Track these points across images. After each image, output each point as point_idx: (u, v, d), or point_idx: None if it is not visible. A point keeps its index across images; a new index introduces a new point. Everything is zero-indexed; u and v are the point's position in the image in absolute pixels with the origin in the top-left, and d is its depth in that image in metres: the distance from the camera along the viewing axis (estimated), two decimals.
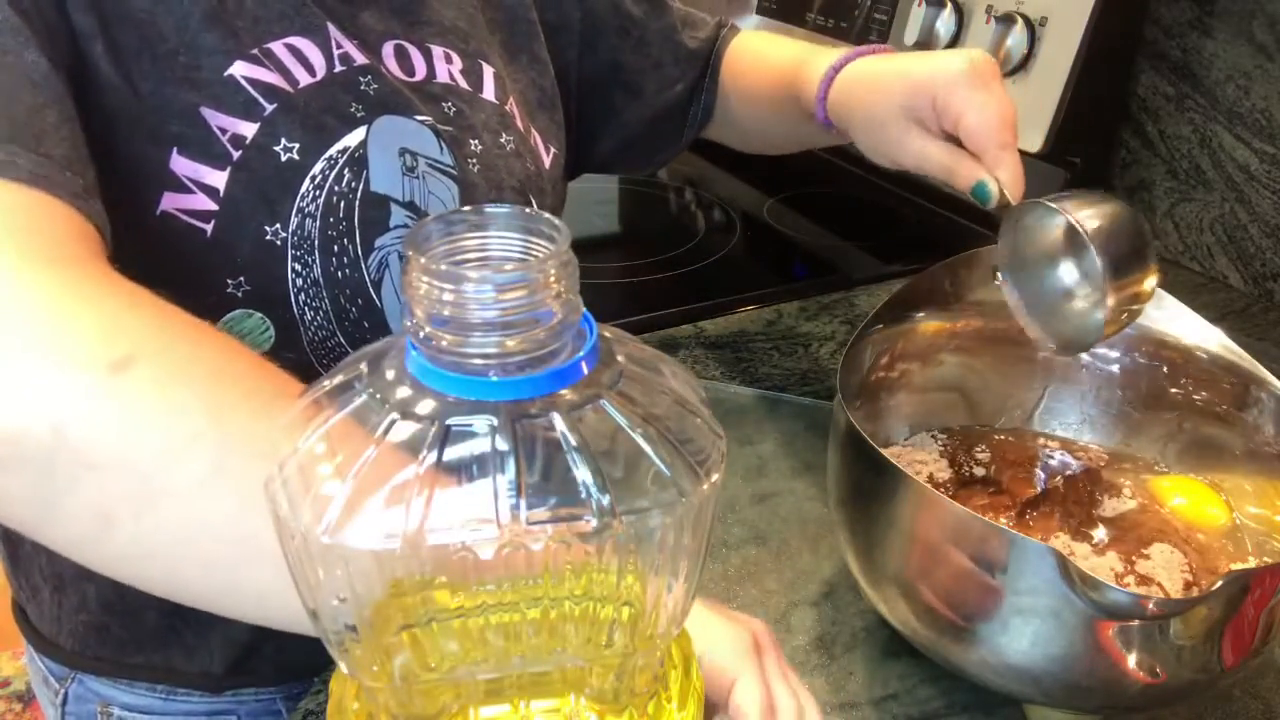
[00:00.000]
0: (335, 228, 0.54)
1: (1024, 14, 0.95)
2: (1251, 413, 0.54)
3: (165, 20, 0.49)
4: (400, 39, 0.60)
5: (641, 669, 0.29)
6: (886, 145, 0.60)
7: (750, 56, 0.79)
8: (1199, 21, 0.95)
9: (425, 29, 0.62)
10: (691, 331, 0.88)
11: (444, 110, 0.61)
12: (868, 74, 0.62)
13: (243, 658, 0.62)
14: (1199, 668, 0.43)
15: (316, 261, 0.54)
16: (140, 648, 0.63)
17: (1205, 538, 0.54)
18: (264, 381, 0.36)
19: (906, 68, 0.59)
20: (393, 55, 0.60)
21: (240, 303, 0.53)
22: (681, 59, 0.78)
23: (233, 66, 0.51)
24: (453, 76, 0.62)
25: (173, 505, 0.33)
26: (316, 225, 0.54)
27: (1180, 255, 1.02)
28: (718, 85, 0.79)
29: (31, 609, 0.67)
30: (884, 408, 0.61)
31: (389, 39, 0.60)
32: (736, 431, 0.74)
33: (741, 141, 0.84)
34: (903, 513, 0.47)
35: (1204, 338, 0.56)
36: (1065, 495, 0.56)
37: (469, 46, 0.64)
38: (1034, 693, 0.47)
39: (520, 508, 0.24)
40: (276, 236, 0.53)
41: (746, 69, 0.78)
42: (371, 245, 0.55)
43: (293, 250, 0.53)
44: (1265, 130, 0.92)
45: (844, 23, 1.20)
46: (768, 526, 0.64)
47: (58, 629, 0.65)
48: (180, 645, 0.62)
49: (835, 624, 0.57)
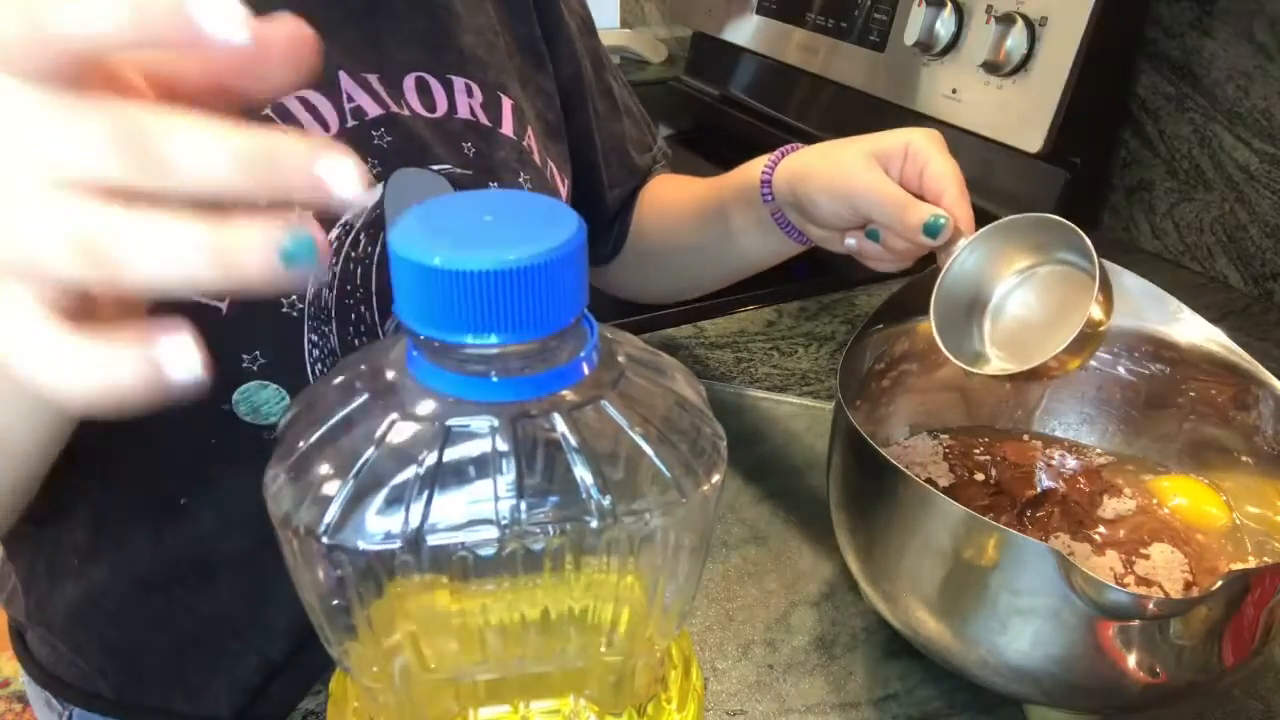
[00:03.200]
0: (352, 295, 0.54)
1: (1024, 14, 0.95)
2: (1251, 413, 0.54)
3: None
4: (422, 71, 0.59)
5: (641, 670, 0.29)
6: (842, 176, 0.58)
7: (674, 180, 0.80)
8: (1199, 21, 0.95)
9: (447, 56, 0.61)
10: (691, 331, 0.88)
11: (463, 152, 0.60)
12: (828, 143, 0.62)
13: (249, 703, 0.61)
14: (1199, 668, 0.43)
15: (333, 331, 0.53)
16: (140, 690, 0.62)
17: (1205, 538, 0.54)
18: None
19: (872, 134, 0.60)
20: (414, 89, 0.59)
21: (255, 375, 0.52)
22: (626, 167, 0.79)
23: None
24: (473, 111, 0.62)
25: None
26: (333, 294, 0.53)
27: (1180, 255, 1.02)
28: (634, 208, 0.80)
29: (30, 637, 0.66)
30: (884, 408, 0.61)
31: (411, 71, 0.59)
32: (736, 431, 0.74)
33: (645, 278, 0.84)
34: (903, 513, 0.47)
35: (1204, 338, 0.56)
36: (1065, 495, 0.56)
37: (488, 77, 0.63)
38: (1034, 693, 0.47)
39: (520, 508, 0.24)
40: (293, 308, 0.52)
41: (667, 189, 0.79)
42: (388, 311, 0.55)
43: (310, 321, 0.52)
44: (1265, 130, 0.92)
45: (844, 23, 1.20)
46: (768, 526, 0.64)
47: (55, 662, 0.64)
48: (182, 688, 0.61)
49: (835, 624, 0.57)
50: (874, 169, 0.57)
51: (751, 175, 0.65)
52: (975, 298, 0.58)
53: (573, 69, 0.73)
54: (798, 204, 0.61)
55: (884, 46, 1.13)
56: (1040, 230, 0.55)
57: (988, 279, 0.57)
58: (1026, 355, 0.54)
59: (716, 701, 0.51)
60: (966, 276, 0.56)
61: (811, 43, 1.25)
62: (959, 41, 1.03)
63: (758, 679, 0.53)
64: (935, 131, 0.58)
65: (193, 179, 0.21)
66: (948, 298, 0.56)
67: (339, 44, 0.55)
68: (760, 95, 1.39)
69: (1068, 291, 0.54)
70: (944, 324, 0.55)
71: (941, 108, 1.06)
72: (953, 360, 0.54)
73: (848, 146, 0.59)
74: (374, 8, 0.57)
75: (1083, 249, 0.53)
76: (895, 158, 0.57)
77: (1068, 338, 0.51)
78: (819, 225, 0.61)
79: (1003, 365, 0.55)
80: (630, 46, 1.71)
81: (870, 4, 1.15)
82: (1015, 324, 0.57)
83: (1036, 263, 0.57)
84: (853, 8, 1.18)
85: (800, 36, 1.27)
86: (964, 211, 0.55)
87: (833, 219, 0.59)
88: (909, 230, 0.54)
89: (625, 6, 1.98)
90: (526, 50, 0.69)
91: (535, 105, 0.69)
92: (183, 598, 0.59)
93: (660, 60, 1.71)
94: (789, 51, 1.30)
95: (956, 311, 0.57)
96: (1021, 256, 0.57)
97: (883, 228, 0.58)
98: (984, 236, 0.55)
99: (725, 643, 0.55)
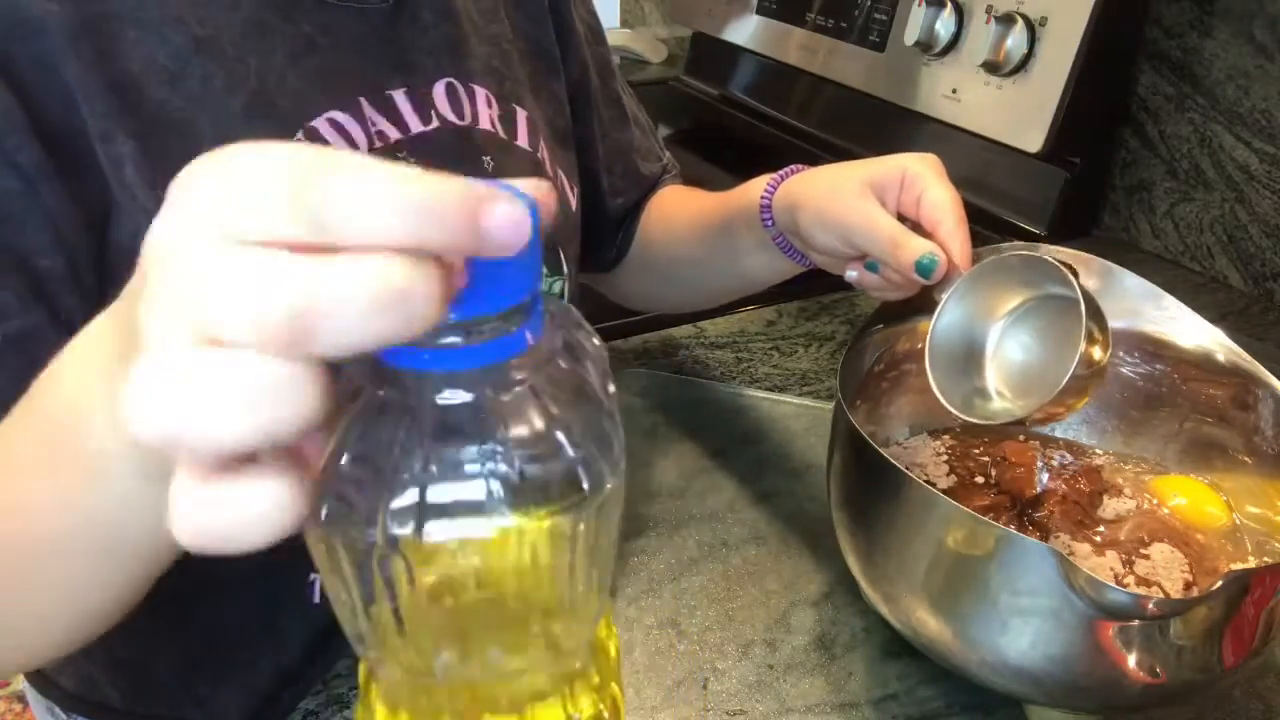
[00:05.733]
0: None
1: (1024, 14, 0.95)
2: (1251, 413, 0.54)
3: (203, 118, 0.48)
4: (451, 77, 0.59)
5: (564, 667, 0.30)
6: (836, 208, 0.56)
7: (682, 192, 0.79)
8: (1199, 21, 0.95)
9: (470, 64, 0.61)
10: (692, 332, 0.88)
11: (483, 167, 0.60)
12: (827, 167, 0.61)
13: (260, 709, 0.60)
14: (1199, 668, 0.43)
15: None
16: (149, 700, 0.62)
17: (1205, 538, 0.54)
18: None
19: (869, 159, 0.58)
20: (444, 95, 0.59)
21: None
22: (630, 175, 0.79)
23: None
24: (492, 122, 0.61)
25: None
26: None
27: (1180, 255, 1.02)
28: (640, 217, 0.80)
29: None
30: (884, 408, 0.61)
31: (441, 77, 0.59)
32: (737, 431, 0.74)
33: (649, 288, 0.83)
34: (903, 513, 0.47)
35: (1204, 338, 0.56)
36: (1065, 495, 0.56)
37: (503, 88, 0.63)
38: (1034, 693, 0.47)
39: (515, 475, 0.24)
40: None
41: (675, 200, 0.78)
42: None
43: None
44: (1265, 130, 0.92)
45: (844, 23, 1.20)
46: (768, 526, 0.64)
47: (60, 670, 0.63)
48: (191, 698, 0.61)
49: (835, 624, 0.57)
50: (868, 200, 0.56)
51: (753, 196, 0.64)
52: (971, 340, 0.56)
53: (579, 75, 0.73)
54: (796, 231, 0.60)
55: (884, 46, 1.13)
56: (1028, 265, 0.54)
57: (983, 318, 0.56)
58: (1032, 394, 0.52)
59: (716, 701, 0.51)
60: (960, 320, 0.55)
61: (811, 43, 1.25)
62: (959, 41, 1.03)
63: (758, 679, 0.53)
64: (933, 156, 0.57)
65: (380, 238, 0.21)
66: (941, 343, 0.54)
67: (366, 59, 0.55)
68: (760, 95, 1.39)
69: (1068, 325, 0.51)
70: (941, 368, 0.54)
71: (941, 108, 1.06)
72: (951, 410, 0.52)
73: (843, 173, 0.58)
74: (398, 18, 0.57)
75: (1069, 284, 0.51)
76: (891, 186, 0.56)
77: (1060, 381, 0.49)
78: (818, 253, 0.60)
79: (1006, 408, 0.54)
80: (630, 46, 1.71)
81: (870, 4, 1.15)
82: (1018, 364, 0.55)
83: (1031, 298, 0.55)
84: (853, 8, 1.18)
85: (800, 36, 1.27)
86: (961, 244, 0.53)
87: (829, 249, 0.58)
88: (902, 267, 0.53)
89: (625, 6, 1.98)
90: (540, 56, 0.69)
91: (546, 112, 0.69)
92: (195, 608, 0.58)
93: (660, 60, 1.71)
94: (789, 51, 1.30)
95: (953, 355, 0.55)
96: (1014, 293, 0.55)
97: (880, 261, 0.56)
98: (973, 278, 0.54)
99: (725, 643, 0.55)
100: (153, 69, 0.46)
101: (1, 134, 0.43)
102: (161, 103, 0.47)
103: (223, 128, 0.48)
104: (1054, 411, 0.51)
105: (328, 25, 0.53)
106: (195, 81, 0.48)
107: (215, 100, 0.48)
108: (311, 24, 0.52)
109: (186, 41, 0.47)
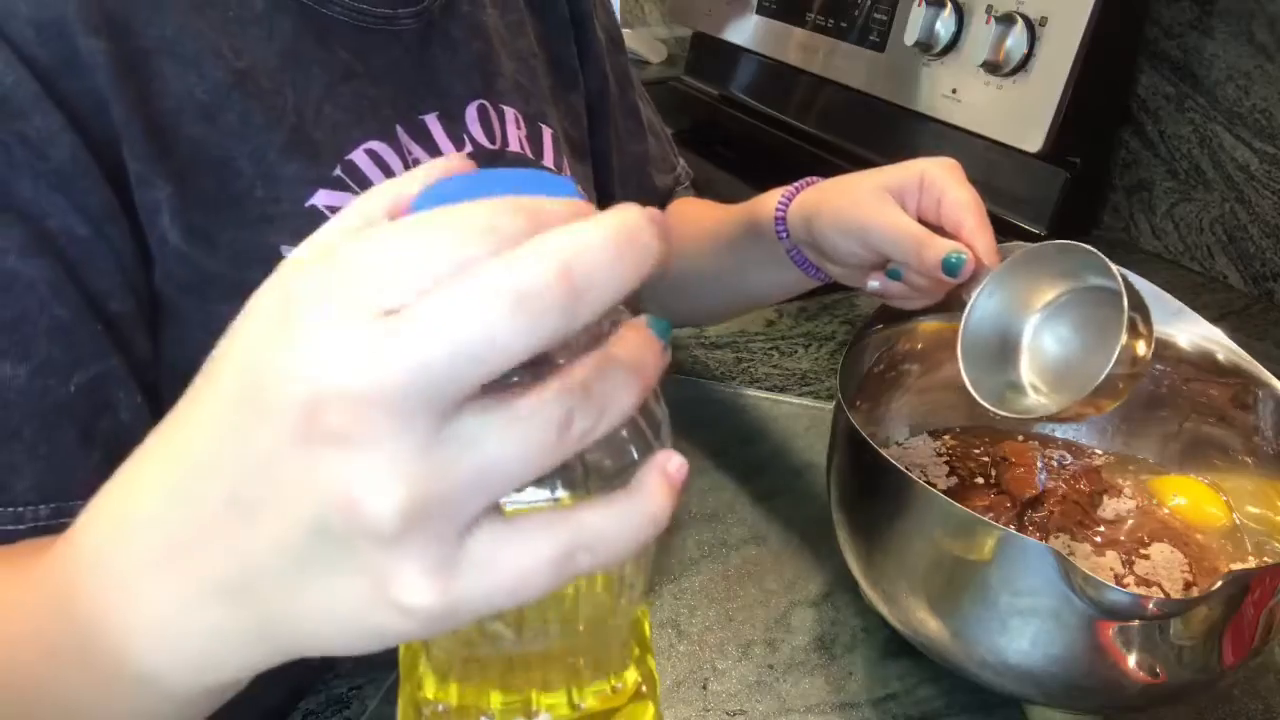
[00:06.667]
0: None
1: (1024, 14, 0.95)
2: (1251, 413, 0.54)
3: (241, 154, 0.47)
4: (482, 98, 0.59)
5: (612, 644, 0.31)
6: (856, 212, 0.56)
7: (694, 204, 0.78)
8: (1199, 21, 0.95)
9: (500, 83, 0.60)
10: (691, 331, 0.88)
11: None
12: (842, 177, 0.60)
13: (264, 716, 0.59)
14: (1199, 668, 0.43)
15: None
16: None
17: (1205, 538, 0.54)
18: None
19: (885, 167, 0.58)
20: (477, 119, 0.58)
21: None
22: (645, 188, 0.78)
23: (314, 196, 0.49)
24: (521, 144, 0.61)
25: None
26: None
27: (1180, 255, 1.02)
28: None
29: None
30: (884, 408, 0.62)
31: (473, 100, 0.58)
32: (736, 431, 0.74)
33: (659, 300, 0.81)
34: (902, 513, 0.47)
35: (1204, 338, 0.56)
36: (1065, 495, 0.56)
37: (529, 107, 0.63)
38: (1034, 693, 0.47)
39: None
40: None
41: (685, 215, 0.77)
42: None
43: None
44: (1265, 130, 0.92)
45: (844, 23, 1.20)
46: (768, 526, 0.64)
47: None
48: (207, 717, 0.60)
49: (835, 624, 0.57)
50: (888, 204, 0.55)
51: (766, 210, 0.63)
52: (1006, 333, 0.54)
53: (598, 86, 0.72)
54: (813, 242, 0.59)
55: (884, 46, 1.13)
56: (1065, 256, 0.52)
57: (1017, 312, 0.54)
58: (1069, 388, 0.50)
59: (716, 701, 0.51)
60: (993, 313, 0.53)
61: (811, 43, 1.25)
62: (959, 41, 1.03)
63: (758, 679, 0.53)
64: (951, 160, 0.56)
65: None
66: (974, 337, 0.53)
67: (401, 84, 0.54)
68: (760, 95, 1.39)
69: (1108, 316, 0.49)
70: (973, 364, 0.52)
71: (941, 108, 1.06)
72: (985, 405, 0.51)
73: (861, 180, 0.57)
74: (430, 37, 0.56)
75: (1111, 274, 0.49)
76: (911, 190, 0.55)
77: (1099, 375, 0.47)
78: (836, 263, 0.59)
79: (1041, 402, 0.52)
80: (630, 46, 1.71)
81: (870, 4, 1.15)
82: (1054, 357, 0.54)
83: (1068, 290, 0.53)
84: (853, 8, 1.18)
85: (800, 36, 1.28)
86: (985, 242, 0.52)
87: (848, 257, 0.57)
88: (927, 267, 0.52)
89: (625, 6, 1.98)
90: (561, 68, 0.68)
91: (564, 125, 0.68)
92: None
93: (660, 60, 1.71)
94: (789, 51, 1.30)
95: (987, 349, 0.54)
96: (1051, 285, 0.54)
97: (902, 265, 0.55)
98: (1007, 270, 0.53)
99: (725, 643, 0.55)
100: (189, 104, 0.46)
101: (71, 177, 0.42)
102: (199, 141, 0.46)
103: (263, 166, 0.47)
104: (1097, 404, 0.49)
105: (363, 50, 0.52)
106: (234, 116, 0.47)
107: (254, 136, 0.47)
108: (347, 50, 0.52)
109: (225, 75, 0.46)
